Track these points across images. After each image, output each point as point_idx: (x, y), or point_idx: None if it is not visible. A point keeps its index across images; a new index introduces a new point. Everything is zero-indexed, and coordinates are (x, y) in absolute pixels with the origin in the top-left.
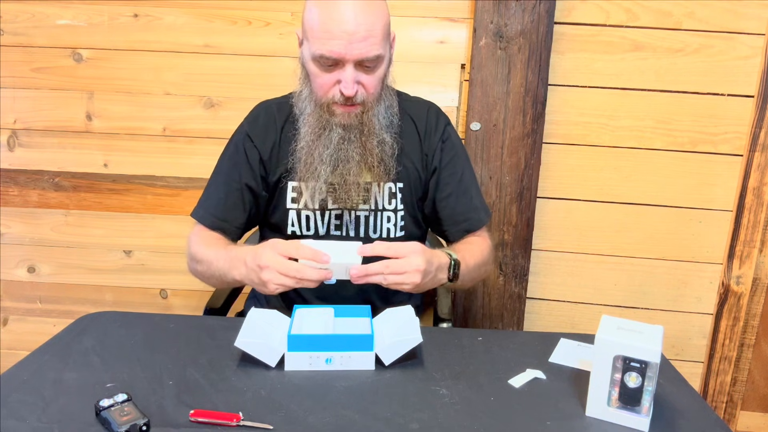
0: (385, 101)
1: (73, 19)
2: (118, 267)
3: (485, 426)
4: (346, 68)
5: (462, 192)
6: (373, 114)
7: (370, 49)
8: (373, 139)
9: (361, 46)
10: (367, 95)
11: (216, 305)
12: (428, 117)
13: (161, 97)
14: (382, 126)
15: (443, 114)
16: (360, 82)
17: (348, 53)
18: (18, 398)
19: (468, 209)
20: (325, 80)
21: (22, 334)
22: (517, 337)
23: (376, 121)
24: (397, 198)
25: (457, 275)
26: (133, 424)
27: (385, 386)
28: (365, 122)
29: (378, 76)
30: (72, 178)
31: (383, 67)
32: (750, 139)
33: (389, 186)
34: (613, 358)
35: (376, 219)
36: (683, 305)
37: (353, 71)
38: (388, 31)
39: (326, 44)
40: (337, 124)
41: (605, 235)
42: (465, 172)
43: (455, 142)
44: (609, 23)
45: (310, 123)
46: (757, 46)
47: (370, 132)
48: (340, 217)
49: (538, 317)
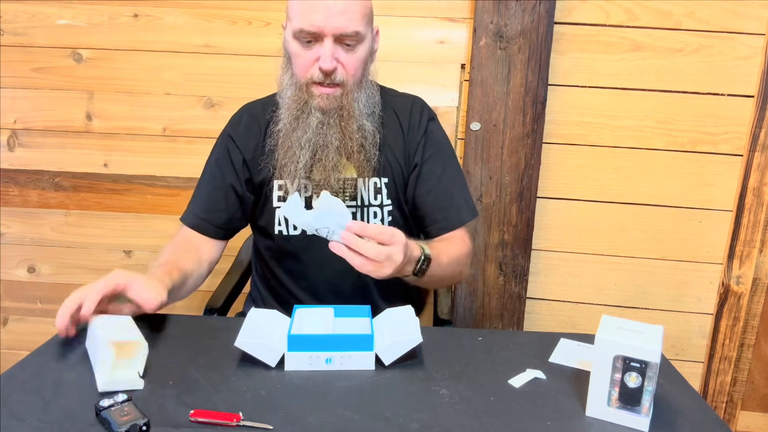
0: (366, 90)
1: (73, 19)
2: (118, 267)
3: (485, 426)
4: (325, 42)
5: (442, 189)
6: (353, 98)
7: (348, 24)
8: (353, 123)
9: (339, 20)
10: (347, 76)
11: (216, 305)
12: (412, 111)
13: (161, 97)
14: (362, 113)
15: (428, 109)
16: (339, 61)
17: (327, 25)
18: (18, 398)
19: (447, 207)
20: (305, 58)
21: (22, 334)
22: (517, 337)
23: (356, 106)
24: (382, 193)
25: (423, 271)
26: (133, 424)
27: (385, 386)
28: (345, 105)
29: (358, 57)
30: (72, 178)
31: (364, 48)
32: (750, 139)
33: (374, 181)
34: (613, 358)
35: (363, 215)
36: (683, 305)
37: (332, 46)
38: (369, 14)
39: (306, 18)
40: (316, 108)
41: (605, 235)
42: (447, 169)
43: (438, 138)
44: (609, 23)
45: (289, 106)
46: (757, 46)
47: (350, 116)
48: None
49: (538, 317)
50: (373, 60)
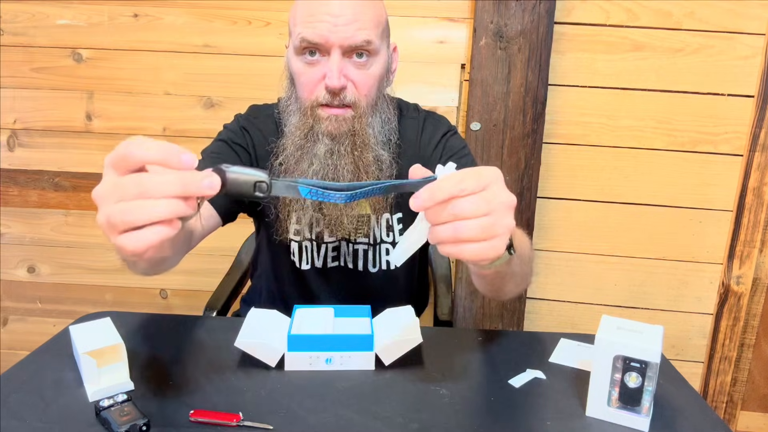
0: (380, 114)
1: (73, 19)
2: (118, 267)
3: (485, 426)
4: (332, 56)
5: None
6: (366, 123)
7: (357, 33)
8: (368, 153)
9: (346, 30)
10: (359, 96)
11: (216, 305)
12: (423, 129)
13: (161, 97)
14: (377, 141)
15: (444, 124)
16: (349, 78)
17: (332, 35)
18: (18, 398)
19: None
20: (309, 77)
21: (22, 334)
22: (517, 337)
23: (370, 133)
24: (394, 231)
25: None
26: (133, 424)
27: (385, 386)
28: (358, 131)
29: (371, 74)
30: (72, 178)
31: (378, 65)
32: (750, 139)
33: (386, 217)
34: (613, 358)
35: (375, 253)
36: (683, 305)
37: (339, 59)
38: (383, 25)
39: (308, 27)
40: (324, 133)
41: (605, 235)
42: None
43: (455, 147)
44: (609, 23)
45: (292, 134)
46: (757, 46)
47: (364, 144)
48: (338, 248)
49: (538, 317)
50: (390, 82)
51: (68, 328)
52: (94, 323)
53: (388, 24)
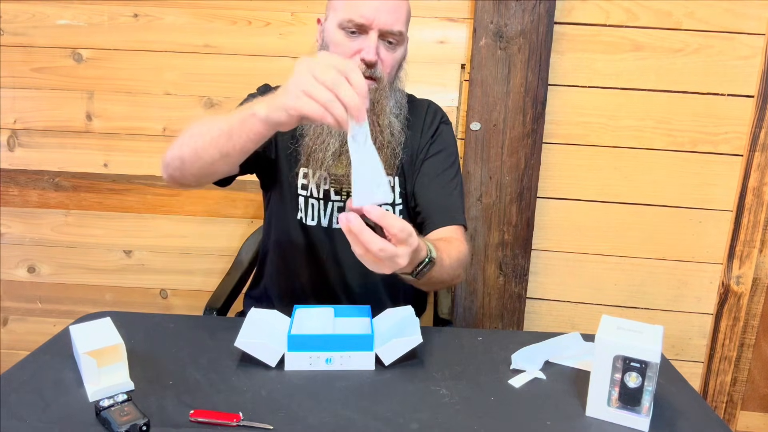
0: (396, 91)
1: (73, 19)
2: (118, 267)
3: (485, 426)
4: (370, 35)
5: (441, 185)
6: (386, 95)
7: (395, 22)
8: (384, 118)
9: (388, 17)
10: (384, 73)
11: (216, 305)
12: (427, 112)
13: (161, 97)
14: (391, 111)
15: (443, 113)
16: (380, 57)
17: (376, 18)
18: (18, 398)
19: (444, 204)
20: (346, 48)
21: (22, 334)
22: (517, 337)
23: (387, 104)
24: (395, 192)
25: (423, 274)
26: (133, 424)
27: (385, 386)
28: (379, 100)
29: (396, 57)
30: (72, 178)
31: (401, 51)
32: (750, 139)
33: (389, 179)
34: (613, 358)
35: None
36: (683, 305)
37: (376, 39)
38: (409, 20)
39: (355, 9)
40: None
41: (605, 235)
42: (449, 170)
43: (446, 140)
44: (609, 23)
45: None
46: (757, 46)
47: (382, 111)
48: (342, 209)
49: (538, 317)
50: (403, 67)
51: (68, 328)
52: (94, 323)
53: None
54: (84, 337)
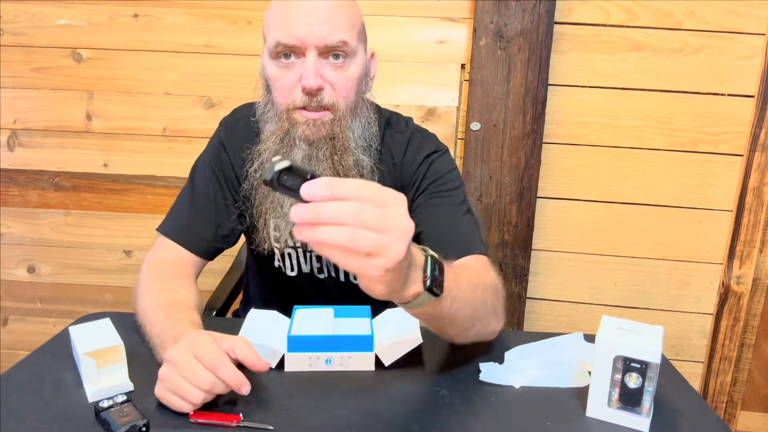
0: (361, 118)
1: (73, 19)
2: (118, 267)
3: (485, 426)
4: (308, 56)
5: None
6: (346, 126)
7: (332, 33)
8: (349, 157)
9: (321, 29)
10: (337, 98)
11: (216, 305)
12: (408, 145)
13: (161, 97)
14: (357, 145)
15: (431, 143)
16: (326, 80)
17: (307, 35)
18: (18, 398)
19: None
20: (285, 81)
21: (22, 334)
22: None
23: (350, 136)
24: None
25: (439, 283)
26: (133, 425)
27: (385, 387)
28: (337, 135)
29: (349, 76)
30: (72, 178)
31: (356, 67)
32: (750, 139)
33: None
34: (613, 358)
35: None
36: (683, 305)
37: (315, 59)
38: (358, 27)
39: (283, 29)
40: (301, 138)
41: (605, 235)
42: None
43: (440, 168)
44: (609, 23)
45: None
46: (757, 46)
47: (345, 148)
48: (320, 258)
49: (538, 317)
50: (369, 87)
51: (68, 328)
52: (94, 324)
53: (365, 27)
54: (83, 338)
